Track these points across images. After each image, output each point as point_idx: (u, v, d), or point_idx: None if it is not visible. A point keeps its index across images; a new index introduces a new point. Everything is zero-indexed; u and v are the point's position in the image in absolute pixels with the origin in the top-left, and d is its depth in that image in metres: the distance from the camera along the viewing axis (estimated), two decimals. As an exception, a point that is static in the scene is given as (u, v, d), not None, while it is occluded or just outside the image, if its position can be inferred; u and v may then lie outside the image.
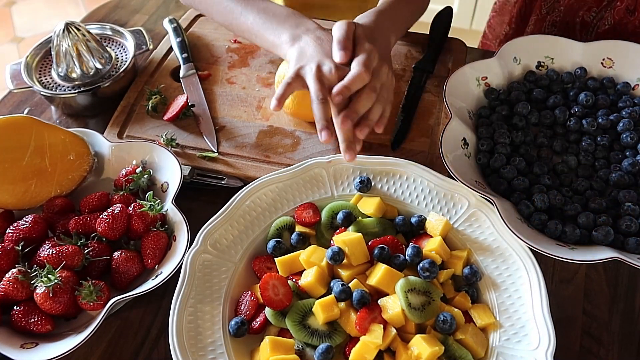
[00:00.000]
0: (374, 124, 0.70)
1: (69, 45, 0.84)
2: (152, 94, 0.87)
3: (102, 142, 0.77)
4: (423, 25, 0.96)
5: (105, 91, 0.87)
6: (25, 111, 0.92)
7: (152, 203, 0.69)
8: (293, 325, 0.59)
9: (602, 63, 0.83)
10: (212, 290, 0.63)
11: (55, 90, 0.87)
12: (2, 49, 2.46)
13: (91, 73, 0.87)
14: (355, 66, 0.68)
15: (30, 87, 0.86)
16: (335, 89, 0.67)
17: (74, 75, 0.87)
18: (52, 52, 0.86)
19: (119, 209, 0.68)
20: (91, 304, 0.63)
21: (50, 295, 0.61)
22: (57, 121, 0.90)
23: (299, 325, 0.59)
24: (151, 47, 0.93)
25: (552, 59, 0.84)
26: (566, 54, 0.83)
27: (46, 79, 0.89)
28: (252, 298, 0.63)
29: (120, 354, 0.65)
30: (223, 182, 0.77)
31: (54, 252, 0.64)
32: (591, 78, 0.82)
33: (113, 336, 0.66)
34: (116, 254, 0.67)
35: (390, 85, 0.73)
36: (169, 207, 0.70)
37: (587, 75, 0.82)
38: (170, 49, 0.96)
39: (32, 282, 0.63)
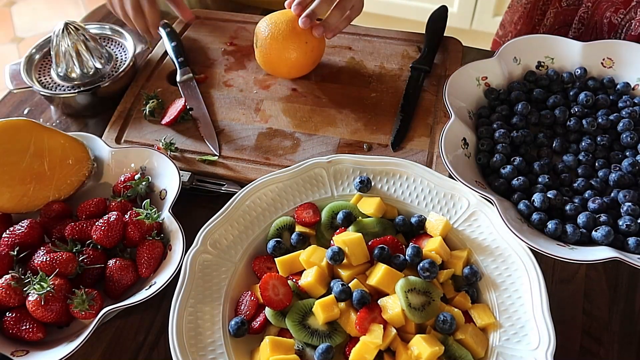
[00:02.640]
0: (330, 28, 0.83)
1: (68, 45, 0.84)
2: (149, 98, 0.87)
3: (102, 147, 0.77)
4: (419, 24, 0.96)
5: (105, 91, 0.87)
6: (25, 111, 0.92)
7: (149, 211, 0.69)
8: (293, 325, 0.59)
9: (602, 63, 0.83)
10: (212, 290, 0.63)
11: (55, 90, 0.87)
12: (2, 49, 2.46)
13: (91, 73, 0.87)
14: None
15: (30, 87, 0.86)
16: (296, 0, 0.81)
17: (73, 75, 0.87)
18: (52, 52, 0.86)
19: (115, 216, 0.68)
20: (83, 313, 0.62)
21: (42, 303, 0.61)
22: (57, 121, 0.90)
23: (299, 325, 0.59)
24: (150, 46, 0.93)
25: (552, 59, 0.84)
26: (566, 54, 0.83)
27: (46, 79, 0.89)
28: (252, 298, 0.63)
29: (120, 354, 0.65)
30: (223, 188, 0.77)
31: (47, 258, 0.64)
32: (591, 78, 0.82)
33: (113, 336, 0.66)
34: (111, 262, 0.66)
35: (355, 2, 0.85)
36: (166, 216, 0.69)
37: (587, 75, 0.82)
38: (167, 52, 0.96)
39: (24, 288, 0.63)
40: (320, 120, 0.85)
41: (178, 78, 0.91)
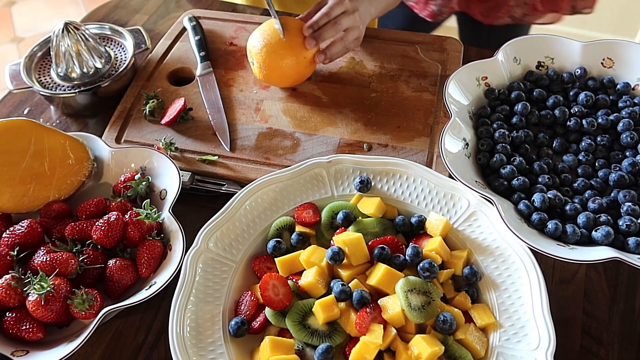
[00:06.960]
0: (330, 55, 0.86)
1: (68, 45, 0.84)
2: (149, 98, 0.86)
3: (102, 147, 0.77)
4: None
5: (105, 91, 0.87)
6: (25, 111, 0.92)
7: (149, 211, 0.69)
8: (293, 325, 0.59)
9: (602, 63, 0.83)
10: (212, 290, 0.63)
11: (55, 90, 0.87)
12: (2, 49, 2.46)
13: (90, 73, 0.87)
14: (325, 7, 0.83)
15: (30, 87, 0.86)
16: (308, 23, 0.83)
17: (73, 75, 0.87)
18: (52, 52, 0.86)
19: (115, 216, 0.68)
20: (83, 313, 0.62)
21: (42, 303, 0.61)
22: (57, 121, 0.90)
23: (299, 325, 0.59)
24: (150, 46, 0.93)
25: (552, 59, 0.84)
26: (566, 54, 0.83)
27: (45, 79, 0.89)
28: (252, 298, 0.63)
29: (120, 353, 0.65)
30: (223, 188, 0.77)
31: (47, 258, 0.64)
32: (591, 78, 0.82)
33: (113, 336, 0.66)
34: (111, 262, 0.66)
35: (356, 32, 0.86)
36: (166, 216, 0.69)
37: (587, 75, 0.82)
38: (167, 51, 0.96)
39: (24, 288, 0.63)
40: (320, 120, 0.85)
41: (198, 72, 0.92)
